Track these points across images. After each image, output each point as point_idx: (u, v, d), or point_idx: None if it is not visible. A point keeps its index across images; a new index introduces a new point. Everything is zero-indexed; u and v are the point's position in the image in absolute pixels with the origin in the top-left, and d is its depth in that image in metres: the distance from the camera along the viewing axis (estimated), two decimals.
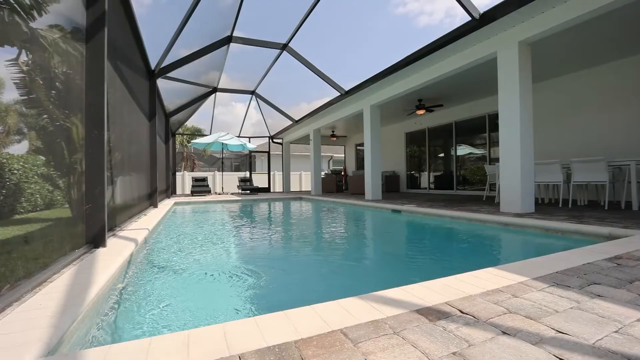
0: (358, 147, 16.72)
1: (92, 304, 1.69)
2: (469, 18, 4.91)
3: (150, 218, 5.03)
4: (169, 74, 7.77)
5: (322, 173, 15.70)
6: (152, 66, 6.63)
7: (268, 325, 1.23)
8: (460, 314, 1.31)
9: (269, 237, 4.61)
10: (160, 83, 8.00)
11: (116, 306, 1.94)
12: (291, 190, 18.17)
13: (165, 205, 7.70)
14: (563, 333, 1.14)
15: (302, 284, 2.55)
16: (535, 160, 5.87)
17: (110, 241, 3.05)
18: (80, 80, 2.71)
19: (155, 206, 6.69)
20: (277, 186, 20.34)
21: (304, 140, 15.27)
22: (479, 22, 4.86)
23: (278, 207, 9.42)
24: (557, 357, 0.99)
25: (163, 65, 6.77)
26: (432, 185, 12.14)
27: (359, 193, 10.79)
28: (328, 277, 2.72)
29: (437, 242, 4.23)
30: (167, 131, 10.28)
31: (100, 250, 2.68)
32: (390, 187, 13.11)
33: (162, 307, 1.97)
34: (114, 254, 2.54)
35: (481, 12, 4.81)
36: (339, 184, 14.57)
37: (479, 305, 1.39)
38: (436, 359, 0.99)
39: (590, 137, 7.05)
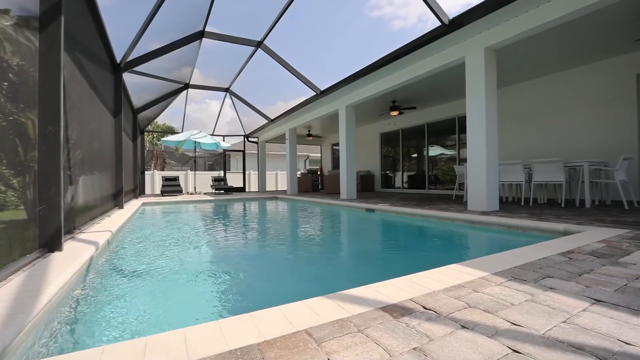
0: (334, 147, 16.83)
1: (44, 312, 1.58)
2: (439, 23, 5.07)
3: (115, 220, 4.79)
4: (136, 68, 7.43)
5: (298, 172, 15.65)
6: (118, 59, 6.30)
7: (231, 329, 1.20)
8: (424, 309, 1.35)
9: (239, 238, 4.52)
10: (127, 77, 7.63)
11: (71, 314, 1.82)
12: (267, 189, 17.96)
13: (132, 206, 7.36)
14: (517, 325, 1.20)
15: (272, 285, 2.52)
16: (500, 161, 6.17)
17: (68, 245, 2.87)
18: (35, 72, 2.52)
19: (121, 207, 6.37)
20: (253, 186, 20.04)
21: (280, 139, 15.15)
22: (448, 27, 5.03)
23: (251, 207, 9.28)
24: (510, 348, 1.04)
25: (130, 58, 6.46)
26: (405, 185, 12.45)
27: (335, 192, 10.86)
28: (299, 277, 2.71)
29: (407, 240, 4.34)
30: (135, 128, 9.83)
31: (56, 254, 2.51)
32: (366, 186, 13.30)
33: (123, 313, 1.87)
34: (70, 259, 2.38)
35: (450, 17, 4.98)
36: (314, 183, 14.59)
37: (442, 301, 1.44)
38: (397, 354, 1.01)
39: (550, 139, 7.51)
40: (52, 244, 2.57)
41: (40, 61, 2.56)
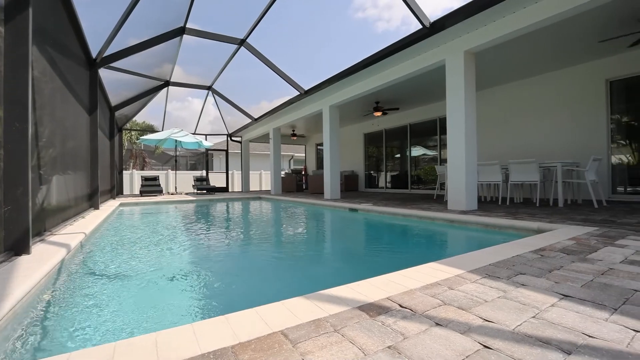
0: (318, 147, 16.84)
1: (7, 319, 1.50)
2: (421, 26, 5.16)
3: (89, 221, 4.61)
4: (114, 64, 7.19)
5: (282, 172, 15.57)
6: (94, 55, 6.07)
7: (206, 331, 1.18)
8: (400, 308, 1.36)
9: (218, 239, 4.45)
10: (104, 74, 7.37)
11: (38, 320, 1.73)
12: (251, 189, 17.77)
13: (109, 206, 7.11)
14: (489, 321, 1.23)
15: (251, 286, 2.50)
16: (479, 162, 6.34)
17: (37, 247, 2.74)
18: (1, 66, 2.39)
19: (97, 208, 6.14)
20: (236, 186, 19.79)
21: (264, 138, 15.02)
22: (429, 30, 5.12)
23: (234, 207, 9.16)
24: (481, 343, 1.07)
25: (106, 54, 6.24)
26: (389, 185, 12.61)
27: (319, 192, 10.86)
28: (279, 278, 2.69)
29: (389, 239, 4.39)
30: (112, 126, 9.50)
31: (23, 258, 2.39)
32: (350, 186, 13.39)
33: (93, 318, 1.80)
34: (39, 262, 2.27)
35: (431, 21, 5.07)
36: (299, 183, 14.55)
37: (418, 299, 1.46)
38: (371, 353, 1.01)
39: (526, 141, 7.79)
40: (18, 247, 2.44)
41: (6, 55, 2.43)
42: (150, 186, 11.79)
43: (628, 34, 5.06)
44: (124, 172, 15.29)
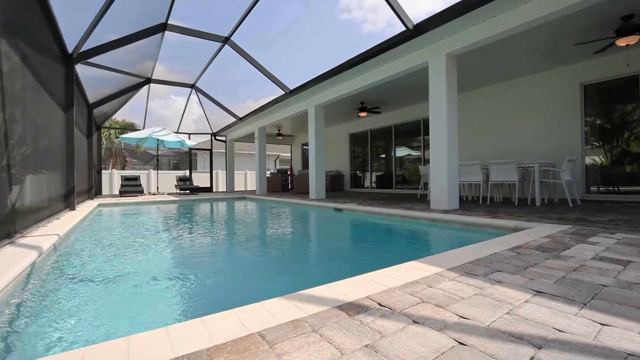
0: (304, 147, 16.81)
1: None
2: (404, 28, 5.22)
3: (64, 222, 4.44)
4: (93, 60, 6.95)
5: (268, 172, 15.46)
6: (70, 50, 5.85)
7: (181, 334, 1.15)
8: (379, 306, 1.37)
9: (199, 240, 4.37)
10: (82, 70, 7.12)
11: (4, 326, 1.65)
12: (235, 189, 17.55)
13: (86, 207, 6.87)
14: (465, 318, 1.25)
15: (233, 288, 2.46)
16: (460, 162, 6.48)
17: (6, 250, 2.61)
18: None
19: (73, 209, 5.92)
20: (221, 186, 19.51)
21: (249, 138, 14.86)
22: (412, 32, 5.19)
23: (217, 207, 9.02)
24: (456, 340, 1.08)
25: (83, 49, 6.02)
26: (374, 185, 12.72)
27: (304, 192, 10.84)
28: (261, 279, 2.66)
29: (372, 238, 4.42)
30: (90, 124, 9.18)
31: None
32: (335, 186, 13.42)
33: (64, 322, 1.73)
34: (7, 265, 2.17)
35: (415, 23, 5.15)
36: (284, 183, 14.48)
37: (397, 297, 1.47)
38: (348, 352, 1.01)
39: (506, 141, 8.02)
40: None
41: None
42: (131, 186, 11.47)
43: (600, 38, 5.27)
44: (103, 171, 14.82)
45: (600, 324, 1.20)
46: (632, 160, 6.45)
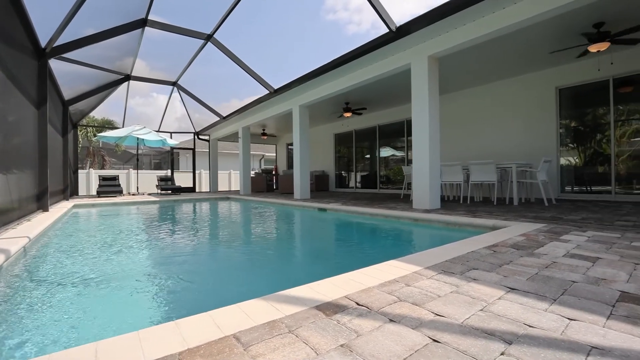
0: (289, 147, 16.74)
1: None
2: (388, 30, 5.28)
3: (35, 224, 4.24)
4: (69, 56, 6.70)
5: (252, 172, 15.31)
6: (43, 44, 5.60)
7: (152, 338, 1.11)
8: (357, 306, 1.37)
9: (179, 241, 4.28)
10: (56, 65, 6.85)
11: None
12: (219, 190, 17.29)
13: (61, 208, 6.60)
14: (440, 315, 1.27)
15: (211, 289, 2.41)
16: (442, 162, 6.60)
17: None
18: None
19: (46, 210, 5.67)
20: (204, 186, 19.16)
21: (233, 137, 14.67)
22: (395, 34, 5.25)
23: (199, 207, 8.86)
24: (430, 338, 1.10)
25: (57, 43, 5.78)
26: (358, 185, 12.81)
27: (289, 192, 10.80)
28: (241, 279, 2.62)
29: (355, 237, 4.45)
30: (65, 121, 8.83)
31: None
32: (320, 186, 13.43)
33: (30, 328, 1.65)
34: None
35: (397, 25, 5.21)
36: (269, 183, 14.38)
37: (375, 296, 1.48)
38: (323, 352, 1.01)
39: (485, 143, 8.24)
40: None
41: None
42: (109, 186, 11.10)
43: (574, 46, 5.50)
44: (80, 171, 14.28)
45: (568, 318, 1.24)
46: (604, 161, 6.75)
